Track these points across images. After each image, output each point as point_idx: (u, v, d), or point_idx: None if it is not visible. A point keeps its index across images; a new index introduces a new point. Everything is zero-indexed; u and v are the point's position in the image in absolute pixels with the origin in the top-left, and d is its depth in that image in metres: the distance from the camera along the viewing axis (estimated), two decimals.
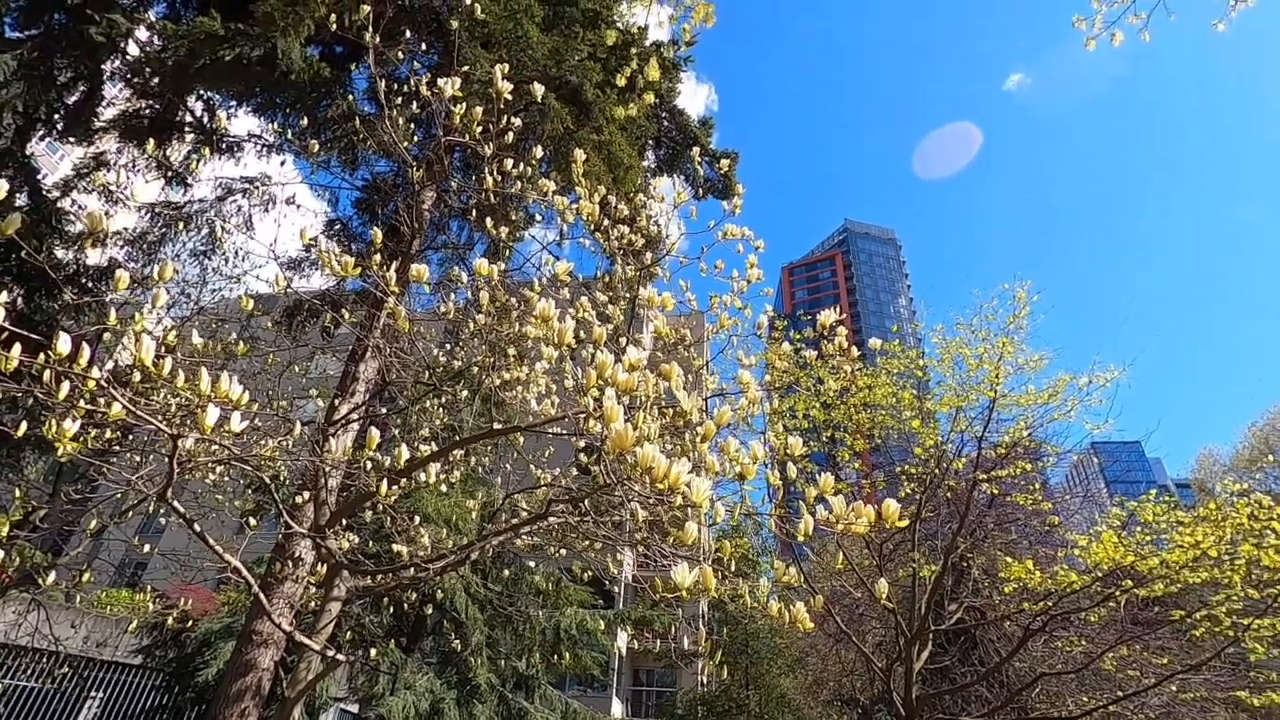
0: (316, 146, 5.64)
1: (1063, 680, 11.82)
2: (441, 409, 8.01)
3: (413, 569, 5.53)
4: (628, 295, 6.60)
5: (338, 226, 9.60)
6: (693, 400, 3.72)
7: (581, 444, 6.45)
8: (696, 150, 5.52)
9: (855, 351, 5.73)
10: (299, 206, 7.29)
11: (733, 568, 4.66)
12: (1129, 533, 9.07)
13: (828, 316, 5.01)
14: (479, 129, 4.40)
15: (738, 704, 20.80)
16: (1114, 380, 9.08)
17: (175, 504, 3.09)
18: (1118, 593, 9.03)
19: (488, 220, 5.21)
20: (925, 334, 12.55)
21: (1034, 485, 11.73)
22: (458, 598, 12.18)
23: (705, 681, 24.13)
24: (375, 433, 3.36)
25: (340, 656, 4.79)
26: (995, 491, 10.38)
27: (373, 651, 10.55)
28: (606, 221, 6.05)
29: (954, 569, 13.19)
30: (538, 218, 6.99)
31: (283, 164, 8.69)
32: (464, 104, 4.71)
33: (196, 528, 3.35)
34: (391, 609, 11.47)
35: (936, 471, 9.25)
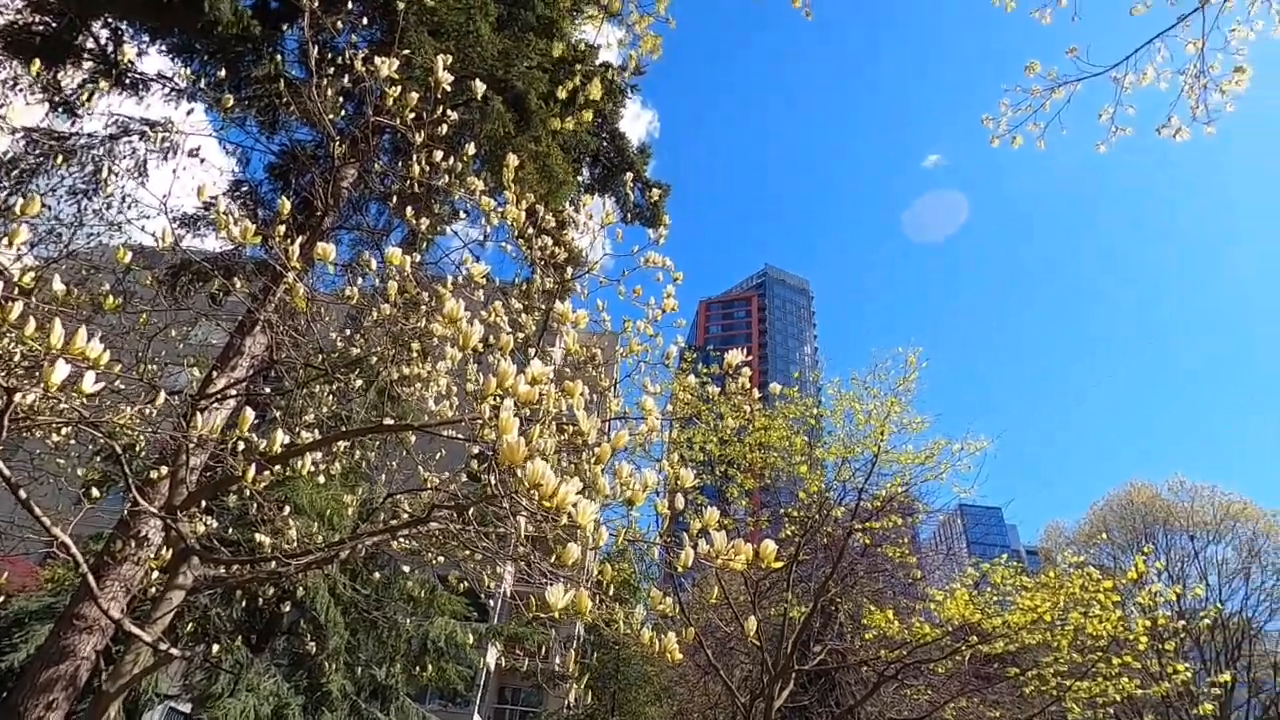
0: (232, 102, 5.28)
1: None
2: (331, 396, 7.60)
3: (274, 562, 5.17)
4: (543, 307, 6.56)
5: (245, 189, 8.99)
6: (592, 420, 3.71)
7: (475, 451, 6.29)
8: (630, 176, 5.61)
9: (757, 393, 5.91)
10: (203, 161, 6.77)
11: (610, 592, 4.65)
12: (980, 592, 9.77)
13: (734, 356, 5.14)
14: (412, 115, 4.27)
15: None
16: (983, 450, 9.84)
17: (0, 464, 2.75)
18: (964, 647, 9.67)
19: (409, 209, 5.05)
20: (824, 384, 13.16)
21: (904, 539, 12.45)
22: (320, 597, 11.47)
23: (572, 704, 23.83)
24: (250, 412, 3.14)
25: (174, 651, 4.38)
26: (868, 541, 10.94)
27: (215, 648, 9.73)
28: (532, 230, 6.01)
29: (823, 612, 13.73)
30: (462, 215, 6.85)
31: (190, 113, 8.05)
32: (400, 87, 4.57)
33: (22, 494, 3.00)
34: (244, 603, 10.64)
35: (817, 517, 9.65)
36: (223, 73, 7.15)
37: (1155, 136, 4.72)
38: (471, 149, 4.80)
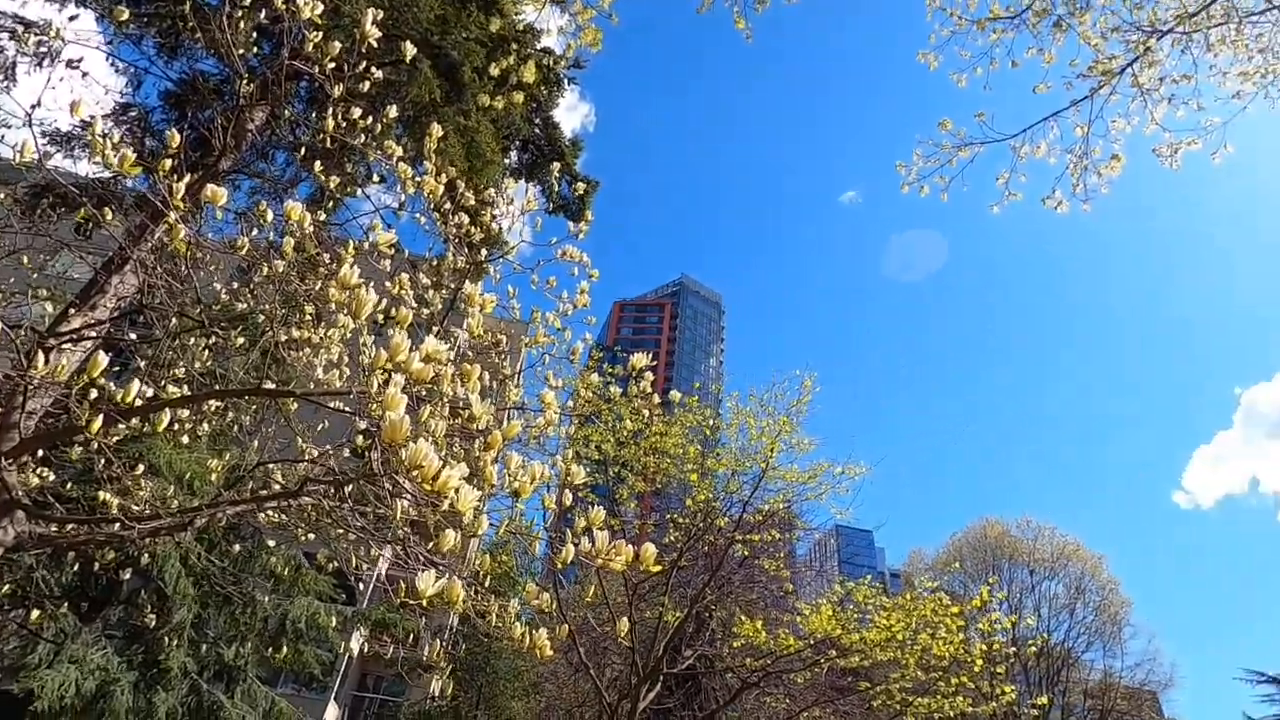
0: (127, 15, 4.78)
1: None
2: (207, 351, 7.05)
3: (117, 524, 4.72)
4: (452, 285, 6.36)
5: (133, 114, 8.15)
6: (486, 407, 3.63)
7: (362, 425, 6.00)
8: (558, 166, 5.54)
9: (658, 398, 5.98)
10: (86, 75, 6.03)
11: (486, 583, 4.55)
12: (843, 609, 10.34)
13: (640, 359, 5.17)
14: (333, 66, 4.03)
15: None
16: (861, 475, 10.43)
17: None
18: (823, 660, 10.19)
19: (318, 164, 4.76)
20: (724, 397, 13.52)
21: (780, 553, 12.98)
22: (169, 566, 10.59)
23: (437, 695, 23.21)
24: (104, 356, 2.85)
25: None
26: (747, 553, 11.32)
27: (35, 613, 8.76)
28: (449, 205, 5.82)
29: (697, 618, 14.07)
30: (377, 179, 6.51)
31: (74, 18, 7.17)
32: (324, 34, 4.30)
33: None
34: (77, 567, 9.65)
35: (702, 525, 9.89)
36: None
37: (1040, 205, 5.17)
38: (394, 112, 4.58)
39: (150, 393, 5.39)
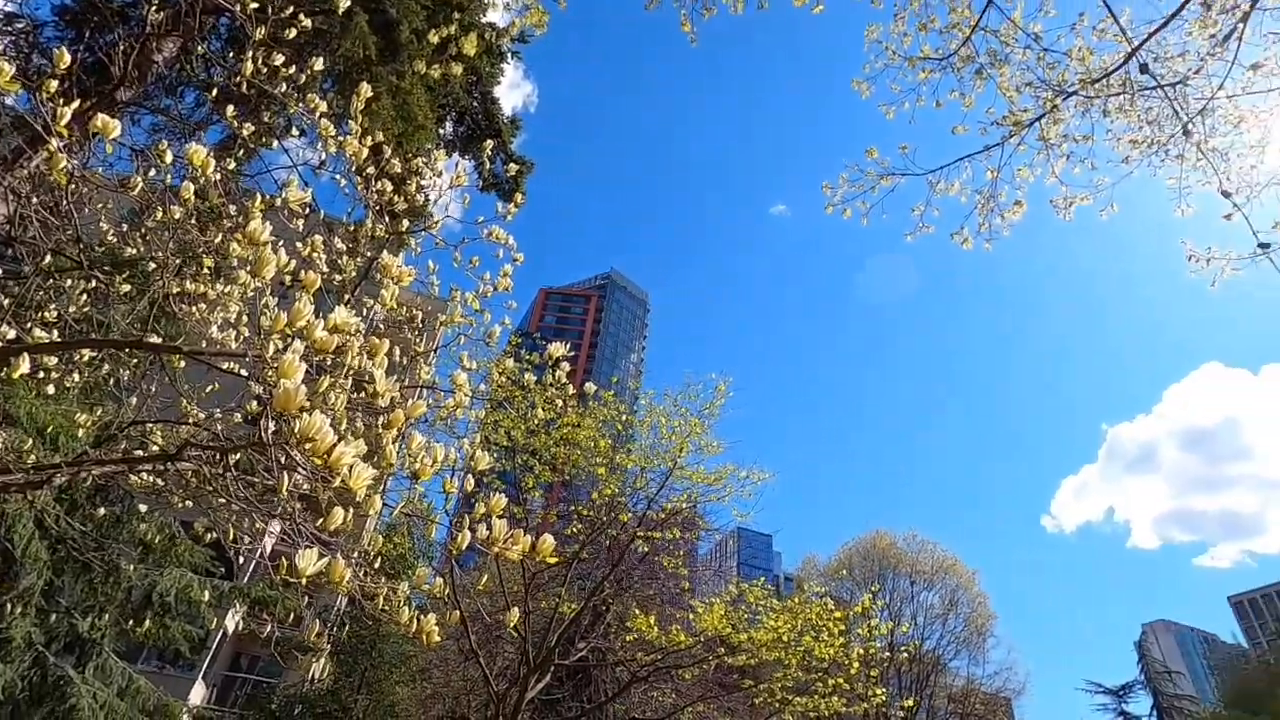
0: None
1: None
2: (86, 296, 6.46)
3: None
4: (368, 254, 6.11)
5: (21, 26, 7.33)
6: (391, 383, 3.51)
7: (258, 391, 5.65)
8: (491, 143, 5.39)
9: (572, 389, 5.96)
10: None
11: (377, 564, 4.41)
12: (735, 609, 10.65)
13: (558, 348, 5.13)
14: (255, 5, 3.77)
15: (344, 706, 19.46)
16: (764, 480, 10.77)
17: None
18: (712, 657, 10.46)
19: (231, 108, 4.44)
20: (641, 394, 13.64)
21: (681, 552, 13.23)
22: (20, 527, 9.64)
23: (317, 679, 22.25)
24: None
25: None
26: (648, 549, 11.47)
27: None
28: (373, 170, 5.57)
29: (594, 610, 14.14)
30: (297, 133, 6.12)
31: None
32: None
33: None
34: None
35: (605, 519, 9.94)
36: None
37: (950, 239, 5.50)
38: (321, 64, 4.34)
39: (12, 334, 4.89)
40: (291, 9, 3.95)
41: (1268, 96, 4.85)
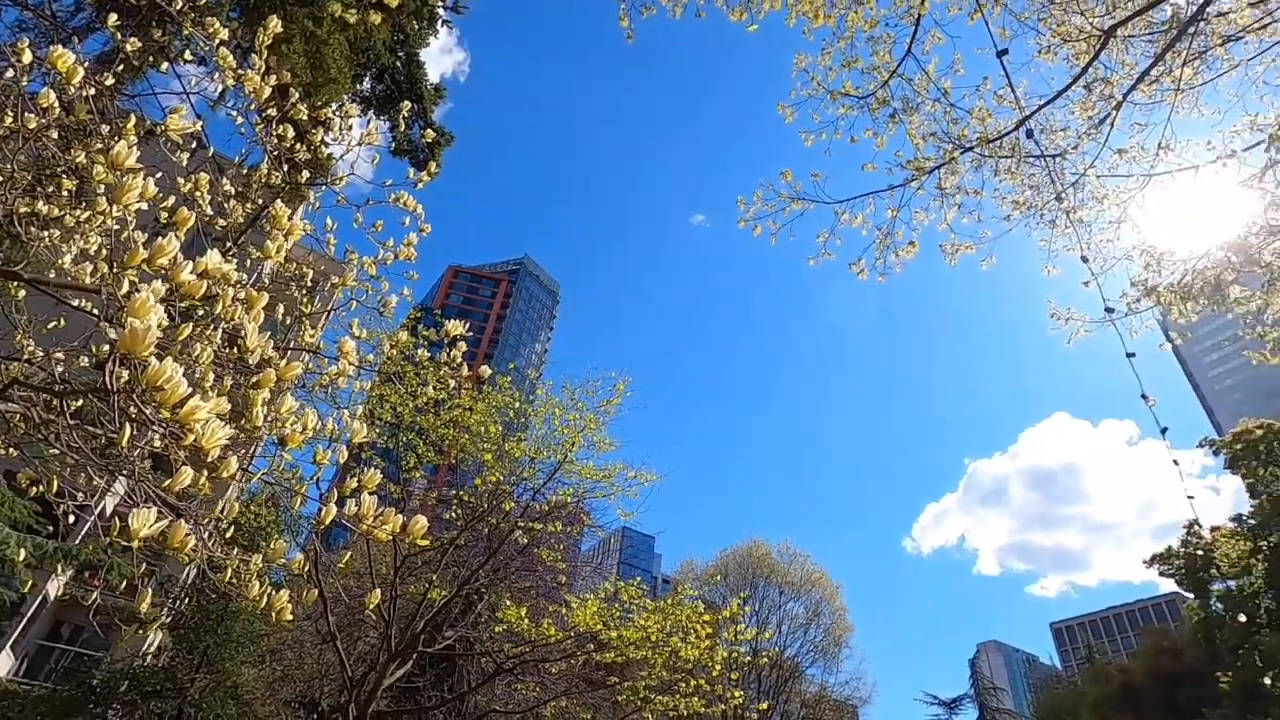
0: None
1: (509, 718, 13.06)
2: None
3: None
4: (260, 202, 5.69)
5: None
6: (264, 339, 3.28)
7: (113, 334, 5.12)
8: (410, 105, 5.12)
9: (466, 370, 5.80)
10: None
11: (229, 534, 4.11)
12: (609, 606, 10.74)
13: (455, 327, 4.98)
14: None
15: (177, 686, 17.94)
16: (652, 482, 10.92)
17: None
18: (580, 653, 10.49)
19: (114, 16, 4.00)
20: (540, 385, 13.49)
21: (562, 546, 13.19)
22: None
23: (152, 654, 20.43)
24: None
25: None
26: (527, 541, 11.36)
27: None
28: (276, 113, 5.19)
29: (466, 598, 13.84)
30: (190, 56, 5.54)
31: None
32: None
33: None
34: None
35: (486, 506, 9.75)
36: None
37: (848, 269, 5.80)
38: None
39: None
40: None
41: (1127, 180, 5.45)
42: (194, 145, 5.52)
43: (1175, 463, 5.57)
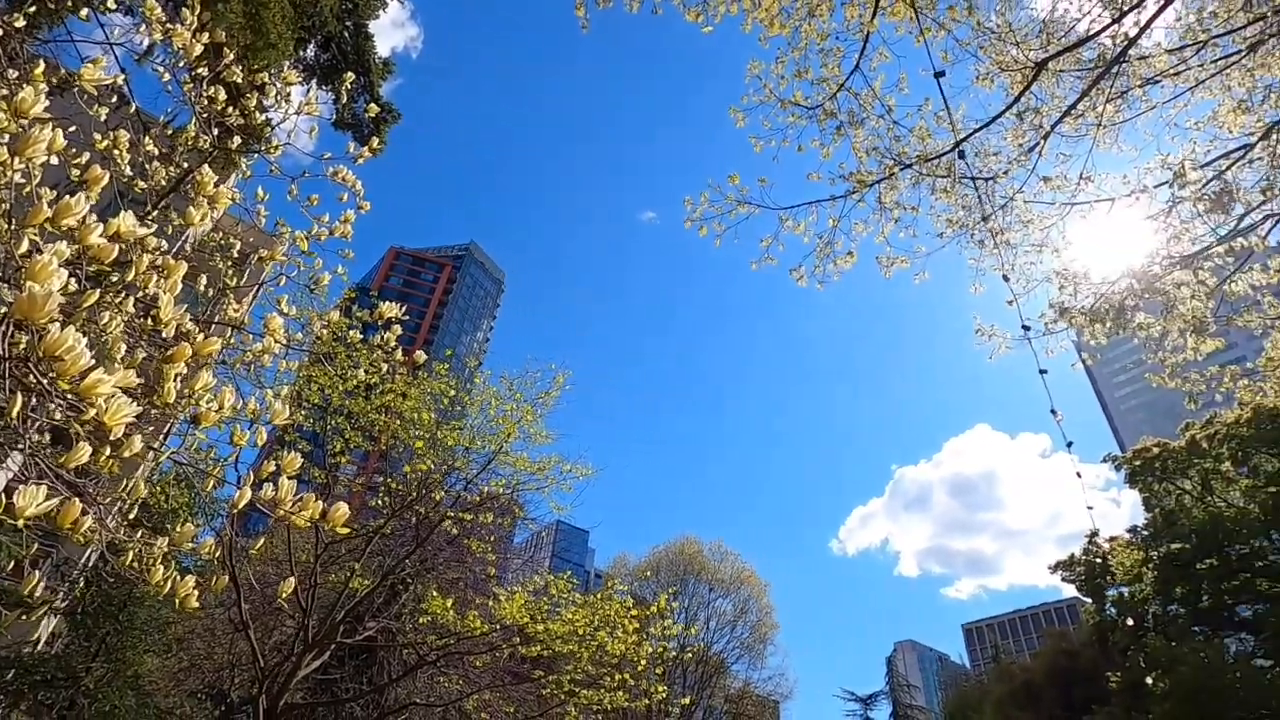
0: None
1: (431, 711, 12.82)
2: None
3: None
4: (186, 165, 5.38)
5: None
6: (180, 311, 3.12)
7: (9, 297, 4.76)
8: (353, 77, 4.91)
9: (401, 354, 5.65)
10: None
11: (132, 515, 3.89)
12: (538, 599, 10.68)
13: (390, 308, 4.84)
14: None
15: (73, 675, 16.83)
16: (587, 476, 10.90)
17: None
18: (506, 646, 10.39)
19: None
20: (478, 374, 13.25)
21: (493, 538, 13.02)
22: None
23: (45, 641, 19.10)
24: None
25: None
26: (457, 531, 11.16)
27: None
28: (207, 73, 4.92)
29: (391, 588, 13.50)
30: (113, 4, 5.18)
31: None
32: None
33: None
34: None
35: (415, 494, 9.53)
36: None
37: (789, 274, 5.93)
38: None
39: None
40: None
41: (1051, 207, 5.77)
42: (115, 100, 5.18)
43: (1079, 475, 5.95)
